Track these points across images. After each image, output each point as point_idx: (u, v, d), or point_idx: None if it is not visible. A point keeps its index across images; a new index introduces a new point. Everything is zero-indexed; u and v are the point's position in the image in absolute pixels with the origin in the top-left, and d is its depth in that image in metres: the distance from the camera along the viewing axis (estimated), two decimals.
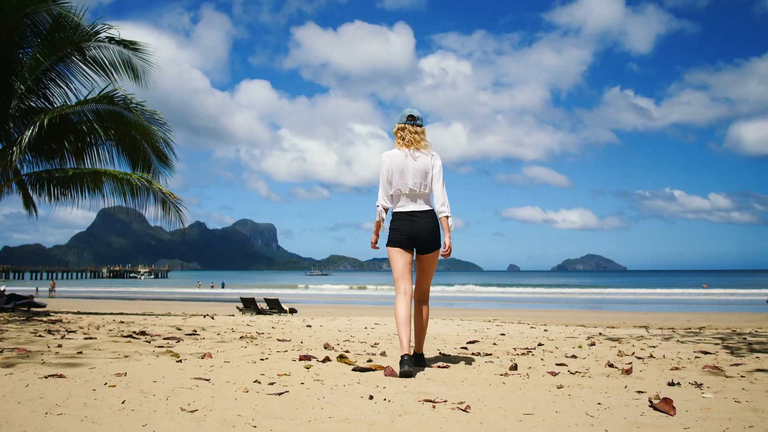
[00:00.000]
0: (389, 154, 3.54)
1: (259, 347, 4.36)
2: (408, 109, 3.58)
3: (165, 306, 24.35)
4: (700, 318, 19.39)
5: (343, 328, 7.79)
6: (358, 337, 6.28)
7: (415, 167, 3.46)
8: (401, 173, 3.47)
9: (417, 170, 3.46)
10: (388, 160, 3.51)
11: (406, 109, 3.59)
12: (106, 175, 10.42)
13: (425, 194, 3.52)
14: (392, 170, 3.49)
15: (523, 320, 14.39)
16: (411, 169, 3.46)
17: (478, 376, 3.18)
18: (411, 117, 3.57)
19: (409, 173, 3.46)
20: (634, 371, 3.34)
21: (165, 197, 10.84)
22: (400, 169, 3.47)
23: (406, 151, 3.51)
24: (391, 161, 3.50)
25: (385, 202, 3.55)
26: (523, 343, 5.91)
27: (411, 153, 3.50)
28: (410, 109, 3.58)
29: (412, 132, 3.53)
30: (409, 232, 3.44)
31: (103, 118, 10.23)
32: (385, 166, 3.51)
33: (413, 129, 3.54)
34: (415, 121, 3.57)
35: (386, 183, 3.52)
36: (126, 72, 10.89)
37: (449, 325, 9.42)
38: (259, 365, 3.33)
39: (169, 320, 8.47)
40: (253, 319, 9.86)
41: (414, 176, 3.46)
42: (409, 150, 3.51)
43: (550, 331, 8.35)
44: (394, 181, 3.49)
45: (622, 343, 6.07)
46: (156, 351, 3.85)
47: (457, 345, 5.54)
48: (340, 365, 3.39)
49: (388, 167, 3.50)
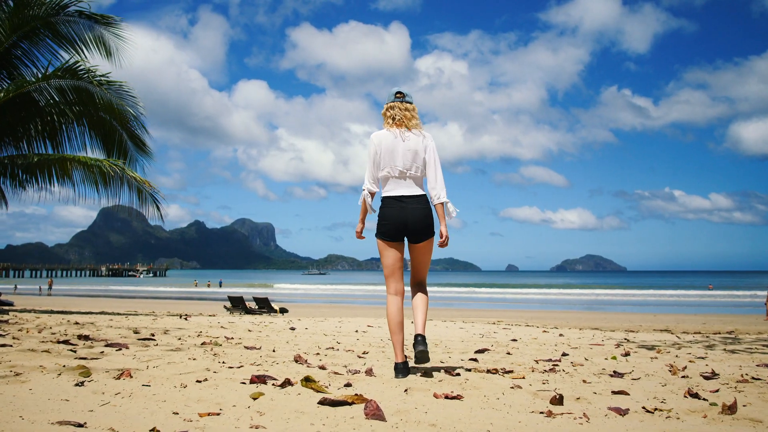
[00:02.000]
0: (378, 134, 3.27)
1: (211, 360, 3.39)
2: (395, 87, 3.34)
3: (153, 305, 23.37)
4: (715, 320, 18.54)
5: (331, 332, 6.82)
6: (345, 343, 5.31)
7: (406, 148, 3.19)
8: (390, 154, 3.19)
9: (407, 151, 3.19)
10: (376, 140, 3.24)
11: (394, 87, 3.35)
12: (75, 161, 9.41)
13: (416, 177, 3.21)
14: (380, 151, 3.21)
15: (530, 322, 13.42)
16: (401, 149, 3.19)
17: (507, 415, 2.13)
18: (399, 94, 3.31)
19: (398, 154, 3.18)
20: (737, 407, 2.25)
21: (140, 186, 9.85)
22: (389, 149, 3.19)
23: (395, 131, 3.24)
24: (379, 141, 3.23)
25: (372, 185, 3.26)
26: (543, 352, 4.94)
27: (401, 133, 3.23)
28: (398, 86, 3.33)
29: (402, 109, 3.27)
30: (398, 219, 3.13)
31: (68, 96, 9.22)
32: (372, 146, 3.24)
33: (402, 106, 3.28)
34: (404, 98, 3.31)
35: (373, 165, 3.24)
36: (98, 48, 9.92)
37: (451, 328, 8.44)
38: (186, 392, 2.33)
39: (136, 321, 7.50)
40: (232, 320, 8.89)
41: (404, 157, 3.18)
42: (399, 130, 3.24)
43: (566, 335, 7.38)
44: (382, 162, 3.21)
45: (661, 352, 5.10)
46: (67, 366, 2.89)
47: (464, 355, 4.57)
48: (304, 393, 2.36)
49: (375, 148, 3.22)
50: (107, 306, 19.68)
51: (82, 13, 9.75)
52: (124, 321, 7.50)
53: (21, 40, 10.01)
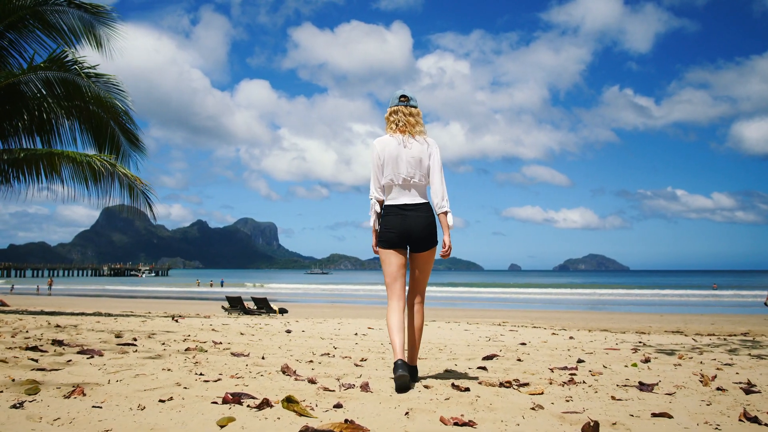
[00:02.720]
0: (381, 140, 3.19)
1: (187, 371, 3.00)
2: (399, 90, 3.24)
3: (152, 305, 23.03)
4: (723, 320, 18.14)
5: (328, 335, 6.43)
6: (342, 348, 4.93)
7: (409, 155, 3.11)
8: (394, 162, 3.11)
9: (411, 158, 3.10)
10: (379, 147, 3.16)
11: (398, 90, 3.25)
12: (63, 157, 9.03)
13: (420, 185, 3.14)
14: (384, 158, 3.12)
15: (537, 323, 13.01)
16: (405, 157, 3.10)
17: None
18: (403, 97, 3.21)
19: (402, 162, 3.10)
20: None
21: (132, 183, 9.48)
22: (393, 157, 3.11)
23: (399, 138, 3.15)
24: (382, 148, 3.14)
25: (379, 193, 3.18)
26: (556, 358, 4.55)
27: (405, 140, 3.14)
28: (402, 89, 3.23)
29: (406, 114, 3.18)
30: (401, 227, 3.06)
31: (56, 89, 8.84)
32: (375, 153, 3.16)
33: (407, 111, 3.19)
34: (408, 102, 3.21)
35: (378, 173, 3.17)
36: (88, 39, 9.54)
37: (455, 330, 8.05)
38: (140, 417, 1.92)
39: (123, 323, 7.13)
40: (227, 322, 8.51)
41: (408, 165, 3.09)
42: (403, 136, 3.15)
43: (576, 338, 6.98)
44: (385, 170, 3.13)
45: (683, 358, 4.70)
46: (17, 380, 2.51)
47: (471, 361, 4.19)
48: (284, 417, 1.96)
49: (378, 155, 3.14)
50: (104, 306, 19.34)
51: (71, 2, 9.38)
52: (112, 323, 7.13)
53: (8, 30, 9.64)
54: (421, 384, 2.80)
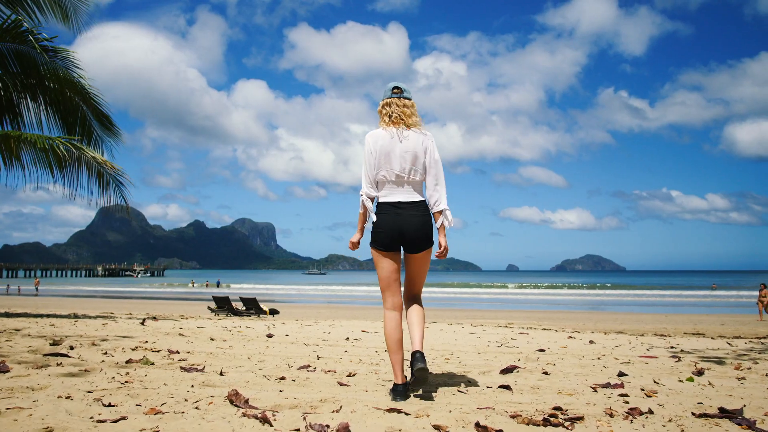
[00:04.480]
0: (373, 134, 3.02)
1: (91, 401, 2.13)
2: (392, 82, 3.09)
3: (137, 306, 22.09)
4: (733, 321, 17.52)
5: (315, 339, 5.54)
6: (327, 357, 4.05)
7: (404, 149, 2.93)
8: (386, 156, 2.94)
9: (405, 153, 2.93)
10: (371, 140, 2.99)
11: (390, 82, 3.09)
12: (22, 140, 8.12)
13: (415, 182, 2.96)
14: (376, 153, 2.95)
15: (543, 324, 12.15)
16: (398, 151, 2.93)
17: None
18: (397, 89, 3.05)
19: (395, 156, 2.93)
20: None
21: (101, 168, 8.57)
22: (386, 151, 2.94)
23: (392, 131, 2.97)
24: (374, 142, 2.97)
25: (370, 190, 2.98)
26: (589, 370, 3.69)
27: (399, 132, 2.96)
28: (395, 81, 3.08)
29: (400, 106, 3.00)
30: (394, 227, 2.89)
31: (9, 64, 7.92)
32: (368, 147, 2.98)
33: (401, 103, 3.02)
34: (401, 94, 3.05)
35: (370, 168, 2.98)
36: (53, 10, 8.62)
37: (459, 333, 7.16)
38: None
39: (81, 326, 6.23)
40: (204, 324, 7.62)
41: (402, 160, 2.93)
42: (397, 129, 2.97)
43: (597, 342, 6.11)
44: (378, 165, 2.96)
45: (740, 369, 3.85)
46: None
47: (486, 376, 3.32)
48: None
49: (371, 149, 2.97)
50: (86, 307, 18.38)
51: None
52: (67, 327, 6.23)
53: None
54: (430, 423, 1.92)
